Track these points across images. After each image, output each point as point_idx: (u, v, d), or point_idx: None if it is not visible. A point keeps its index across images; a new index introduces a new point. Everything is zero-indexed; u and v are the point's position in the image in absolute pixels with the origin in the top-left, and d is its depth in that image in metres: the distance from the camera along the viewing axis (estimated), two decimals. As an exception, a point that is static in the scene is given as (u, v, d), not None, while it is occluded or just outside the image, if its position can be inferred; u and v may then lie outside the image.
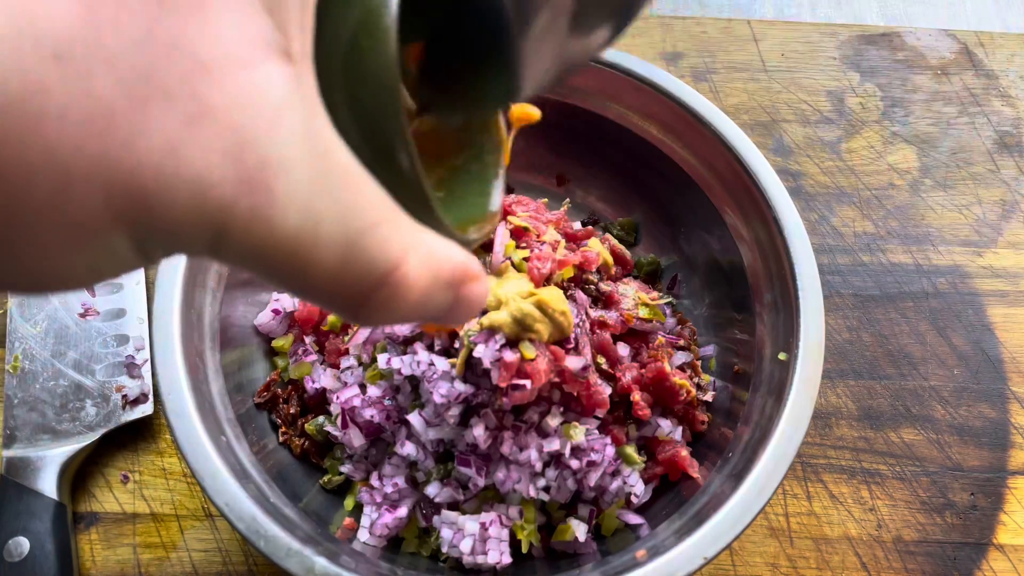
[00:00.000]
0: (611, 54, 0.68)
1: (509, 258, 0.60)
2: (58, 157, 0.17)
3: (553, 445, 0.57)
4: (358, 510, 0.62)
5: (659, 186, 0.75)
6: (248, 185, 0.20)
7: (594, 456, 0.58)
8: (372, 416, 0.60)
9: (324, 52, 0.26)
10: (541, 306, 0.55)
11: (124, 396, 0.68)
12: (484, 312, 0.57)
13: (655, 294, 0.69)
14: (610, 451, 0.59)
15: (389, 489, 0.60)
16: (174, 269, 0.58)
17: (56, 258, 0.20)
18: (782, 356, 0.60)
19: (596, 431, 0.60)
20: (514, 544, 0.59)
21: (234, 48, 0.20)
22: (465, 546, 0.58)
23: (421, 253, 0.25)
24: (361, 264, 0.23)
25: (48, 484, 0.64)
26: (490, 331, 0.55)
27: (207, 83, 0.19)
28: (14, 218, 0.18)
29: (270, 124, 0.21)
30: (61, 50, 0.17)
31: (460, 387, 0.56)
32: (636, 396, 0.61)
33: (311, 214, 0.22)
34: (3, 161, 0.17)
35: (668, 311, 0.71)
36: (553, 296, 0.55)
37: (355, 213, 0.23)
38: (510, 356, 0.53)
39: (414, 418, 0.58)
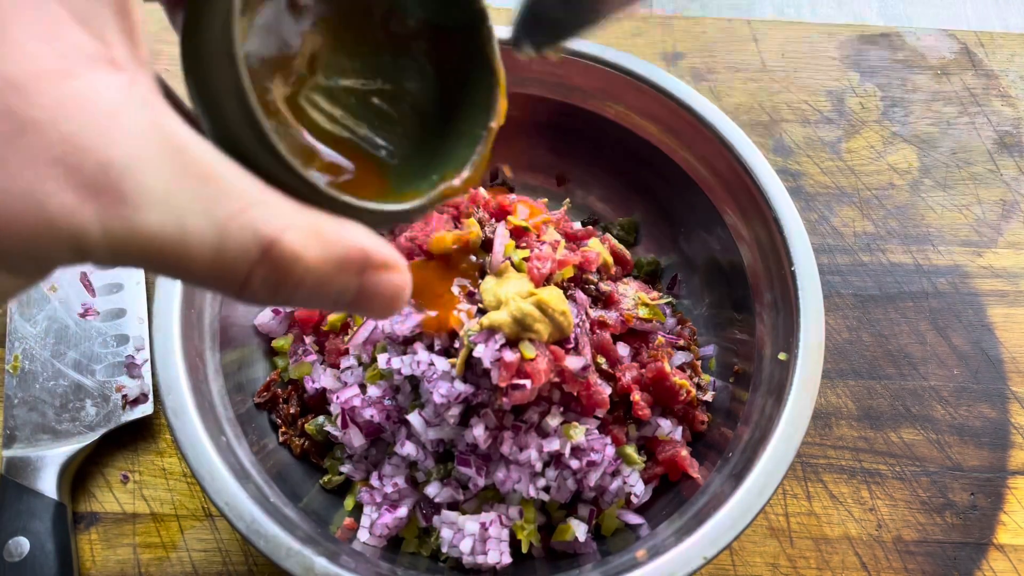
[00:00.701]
0: (611, 54, 0.68)
1: (509, 258, 0.60)
2: None
3: (553, 445, 0.57)
4: (358, 510, 0.62)
5: (659, 186, 0.75)
6: (93, 189, 0.20)
7: (594, 456, 0.58)
8: (372, 416, 0.60)
9: (192, 55, 0.25)
10: (541, 306, 0.55)
11: (124, 396, 0.68)
12: (484, 312, 0.57)
13: (655, 294, 0.69)
14: (610, 451, 0.59)
15: (389, 489, 0.60)
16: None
17: None
18: (782, 356, 0.60)
19: (596, 431, 0.60)
20: (514, 544, 0.59)
21: (46, 63, 0.20)
22: (465, 546, 0.58)
23: (304, 230, 0.25)
24: (234, 248, 0.23)
25: (48, 484, 0.64)
26: (490, 331, 0.55)
27: (21, 99, 0.19)
28: None
29: (105, 128, 0.20)
30: None
31: (460, 387, 0.56)
32: (636, 396, 0.61)
33: (173, 210, 0.22)
34: None
35: (668, 311, 0.71)
36: (553, 296, 0.55)
37: (221, 202, 0.23)
38: (510, 356, 0.53)
39: (414, 418, 0.58)
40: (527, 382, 0.53)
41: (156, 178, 0.21)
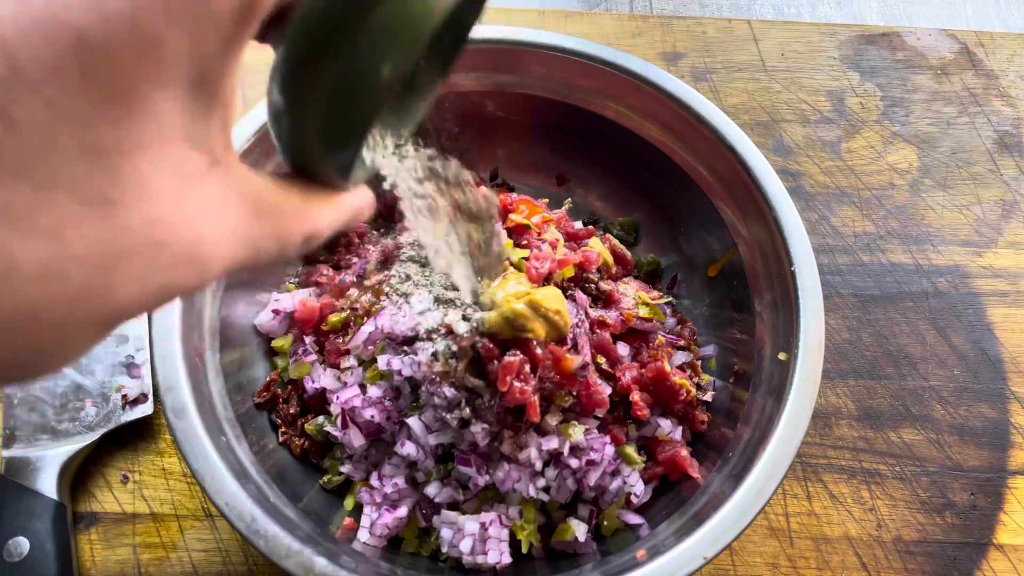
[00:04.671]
0: (611, 54, 0.68)
1: (508, 258, 0.60)
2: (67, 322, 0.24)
3: (552, 444, 0.57)
4: (358, 510, 0.62)
5: (659, 186, 0.74)
6: (192, 266, 0.26)
7: (594, 455, 0.58)
8: (372, 416, 0.60)
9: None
10: (534, 306, 0.54)
11: (124, 396, 0.68)
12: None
13: (655, 294, 0.69)
14: (610, 451, 0.59)
15: (389, 489, 0.60)
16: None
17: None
18: (782, 356, 0.60)
19: (596, 431, 0.60)
20: (514, 544, 0.59)
21: (177, 197, 0.25)
22: (465, 546, 0.58)
23: (333, 224, 0.34)
24: (291, 250, 0.32)
25: (48, 484, 0.64)
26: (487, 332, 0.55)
27: (165, 229, 0.25)
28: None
29: (206, 219, 0.27)
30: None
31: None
32: (636, 396, 0.61)
33: (247, 248, 0.29)
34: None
35: (668, 311, 0.71)
36: (547, 295, 0.55)
37: (280, 224, 0.31)
38: (509, 356, 0.53)
39: (414, 423, 0.58)
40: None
41: (225, 237, 0.28)
